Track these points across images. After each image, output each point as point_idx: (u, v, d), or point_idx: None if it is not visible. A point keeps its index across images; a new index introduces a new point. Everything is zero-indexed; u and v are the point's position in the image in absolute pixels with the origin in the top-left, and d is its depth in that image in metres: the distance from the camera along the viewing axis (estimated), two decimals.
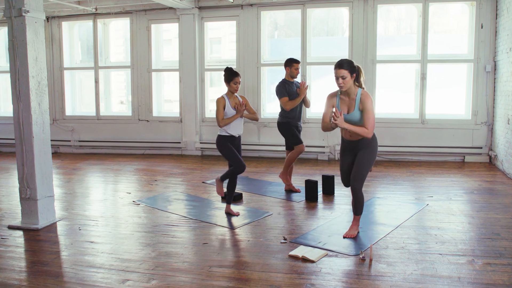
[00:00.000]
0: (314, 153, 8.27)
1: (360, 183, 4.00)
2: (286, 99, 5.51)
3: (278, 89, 5.57)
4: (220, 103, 4.65)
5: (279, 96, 5.56)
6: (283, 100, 5.52)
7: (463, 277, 3.24)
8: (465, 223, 4.49)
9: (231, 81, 4.67)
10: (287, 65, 5.62)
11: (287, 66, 5.62)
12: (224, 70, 4.74)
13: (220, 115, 4.63)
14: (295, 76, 5.64)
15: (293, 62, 5.60)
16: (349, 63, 3.88)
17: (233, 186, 4.83)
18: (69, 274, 3.44)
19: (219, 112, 4.63)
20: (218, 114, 4.64)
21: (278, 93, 5.57)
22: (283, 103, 5.52)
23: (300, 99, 5.52)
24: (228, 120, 4.65)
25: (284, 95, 5.52)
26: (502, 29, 7.07)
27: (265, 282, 3.23)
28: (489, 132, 7.62)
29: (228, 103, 4.69)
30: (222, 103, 4.66)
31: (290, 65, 5.60)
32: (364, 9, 7.86)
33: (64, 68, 9.39)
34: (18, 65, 4.40)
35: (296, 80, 5.72)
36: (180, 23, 8.60)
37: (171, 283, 3.24)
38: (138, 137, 9.15)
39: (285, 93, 5.52)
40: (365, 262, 3.55)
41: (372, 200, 5.36)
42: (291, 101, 5.51)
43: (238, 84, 4.69)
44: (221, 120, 4.63)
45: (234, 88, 4.69)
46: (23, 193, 4.54)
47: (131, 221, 4.73)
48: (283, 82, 5.61)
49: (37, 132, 4.49)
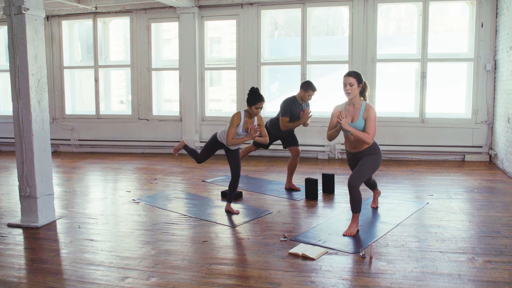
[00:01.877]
0: (314, 152, 8.27)
1: (358, 182, 4.05)
2: (287, 120, 5.45)
3: (284, 106, 5.45)
4: (234, 121, 4.52)
5: (282, 113, 5.46)
6: (283, 119, 5.45)
7: (463, 275, 3.23)
8: (465, 221, 4.48)
9: (253, 105, 4.49)
10: (304, 88, 5.41)
11: (302, 89, 5.42)
12: (249, 90, 4.55)
13: (232, 133, 4.51)
14: (306, 101, 5.51)
15: (310, 88, 5.39)
16: (357, 73, 4.10)
17: (234, 187, 4.84)
18: (68, 272, 3.44)
19: (231, 129, 4.51)
20: (229, 132, 4.51)
21: (282, 110, 5.46)
22: (282, 121, 5.45)
23: (299, 124, 5.48)
24: (237, 141, 4.54)
25: (286, 115, 5.43)
26: (502, 27, 7.06)
27: (265, 280, 3.22)
28: (489, 131, 7.61)
29: (242, 123, 4.55)
30: (237, 122, 4.53)
31: (306, 90, 5.40)
32: (364, 8, 7.85)
33: (64, 67, 9.38)
34: (18, 63, 4.39)
35: (305, 103, 5.56)
36: (180, 22, 8.60)
37: (170, 281, 3.24)
38: (138, 136, 9.14)
39: (288, 113, 5.43)
40: (365, 259, 3.54)
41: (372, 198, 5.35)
42: (290, 123, 5.46)
43: (260, 109, 4.51)
44: (230, 139, 4.52)
45: (254, 112, 4.53)
46: (22, 191, 4.54)
47: (131, 219, 4.73)
48: (292, 101, 5.46)
49: (36, 130, 4.48)
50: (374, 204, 4.96)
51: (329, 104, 8.42)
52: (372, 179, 4.75)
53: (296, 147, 5.73)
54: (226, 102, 10.20)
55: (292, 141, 5.75)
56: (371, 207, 4.95)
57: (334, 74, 8.66)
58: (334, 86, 8.27)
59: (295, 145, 5.73)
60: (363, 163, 4.10)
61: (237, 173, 4.78)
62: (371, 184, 4.81)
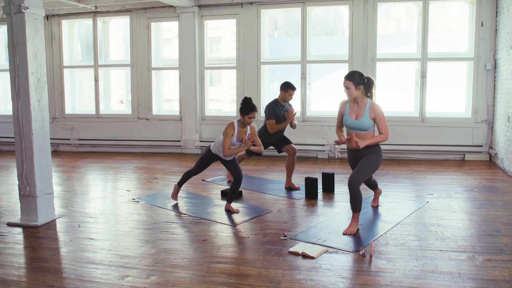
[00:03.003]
0: (314, 152, 8.27)
1: (358, 181, 4.05)
2: (273, 122, 5.54)
3: (268, 110, 5.58)
4: (229, 131, 4.59)
5: (267, 117, 5.57)
6: (270, 122, 5.55)
7: (463, 273, 3.23)
8: (465, 220, 4.48)
9: (246, 115, 4.57)
10: (283, 89, 5.56)
11: (282, 89, 5.57)
12: (242, 100, 4.62)
13: (227, 144, 4.58)
14: (287, 101, 5.63)
15: (289, 88, 5.53)
16: (354, 75, 4.07)
17: (235, 189, 4.85)
18: (68, 270, 3.43)
19: (226, 139, 4.57)
20: (225, 143, 4.58)
21: (267, 114, 5.58)
22: (269, 125, 5.55)
23: (286, 124, 5.56)
24: (233, 151, 4.61)
25: (271, 118, 5.53)
26: (502, 27, 7.06)
27: (264, 278, 3.22)
28: (489, 130, 7.61)
29: (236, 133, 4.63)
30: (231, 132, 4.60)
31: (286, 90, 5.54)
32: (364, 7, 7.85)
33: (64, 67, 9.38)
34: (18, 62, 4.39)
35: (287, 103, 5.68)
36: (180, 21, 8.60)
37: (170, 279, 3.23)
38: (137, 135, 9.14)
39: (273, 116, 5.53)
40: (365, 258, 3.54)
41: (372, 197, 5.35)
42: (277, 125, 5.54)
43: (252, 119, 4.59)
44: (227, 149, 4.58)
45: (247, 122, 4.62)
46: (22, 190, 4.53)
47: (131, 218, 4.72)
48: (274, 103, 5.59)
49: (36, 128, 4.48)
50: (374, 203, 4.96)
51: (329, 104, 8.44)
52: (373, 179, 4.74)
53: (291, 145, 5.76)
54: (226, 102, 10.19)
55: (284, 141, 5.79)
56: (371, 206, 4.94)
57: (334, 73, 8.66)
58: (334, 85, 8.27)
59: (289, 143, 5.77)
60: (364, 162, 4.09)
61: (238, 176, 4.80)
62: (372, 184, 4.81)
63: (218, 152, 4.78)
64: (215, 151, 4.81)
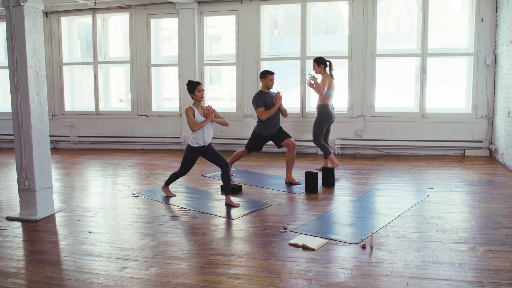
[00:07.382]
0: (314, 147, 8.23)
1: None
2: (262, 109, 5.66)
3: (255, 100, 5.72)
4: (189, 112, 4.82)
5: (255, 106, 5.70)
6: (259, 110, 5.66)
7: (464, 264, 3.21)
8: (466, 212, 4.47)
9: (195, 89, 4.84)
10: (262, 76, 5.76)
11: (262, 78, 5.76)
12: (186, 84, 4.92)
13: (192, 120, 4.80)
14: (270, 87, 5.76)
15: (267, 73, 5.74)
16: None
17: (227, 177, 4.86)
18: (67, 263, 3.42)
19: (190, 119, 4.80)
20: (189, 121, 4.80)
21: (255, 104, 5.71)
22: (259, 113, 5.67)
23: (275, 108, 5.68)
24: (201, 124, 4.80)
25: (260, 106, 5.66)
26: (502, 22, 7.04)
27: (265, 270, 3.21)
28: (490, 125, 7.59)
29: (197, 111, 4.85)
30: (191, 111, 4.83)
31: (265, 77, 5.73)
32: (364, 3, 7.83)
33: (63, 64, 9.36)
34: (17, 55, 4.38)
35: (272, 91, 5.81)
36: (180, 18, 8.58)
37: (170, 270, 3.22)
38: (137, 132, 9.12)
39: (261, 104, 5.67)
40: (366, 250, 3.52)
41: (372, 191, 5.34)
42: (267, 111, 5.65)
43: (202, 91, 4.85)
44: (193, 124, 4.79)
45: (199, 96, 4.85)
46: (21, 184, 4.52)
47: (130, 212, 4.71)
48: (259, 93, 5.76)
49: (35, 122, 4.46)
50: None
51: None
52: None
53: (290, 139, 5.78)
54: (226, 100, 10.18)
55: (284, 135, 5.81)
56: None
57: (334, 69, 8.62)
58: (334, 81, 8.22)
59: (288, 137, 5.78)
60: None
61: (224, 163, 4.89)
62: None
63: (195, 140, 4.90)
64: (193, 144, 4.92)
